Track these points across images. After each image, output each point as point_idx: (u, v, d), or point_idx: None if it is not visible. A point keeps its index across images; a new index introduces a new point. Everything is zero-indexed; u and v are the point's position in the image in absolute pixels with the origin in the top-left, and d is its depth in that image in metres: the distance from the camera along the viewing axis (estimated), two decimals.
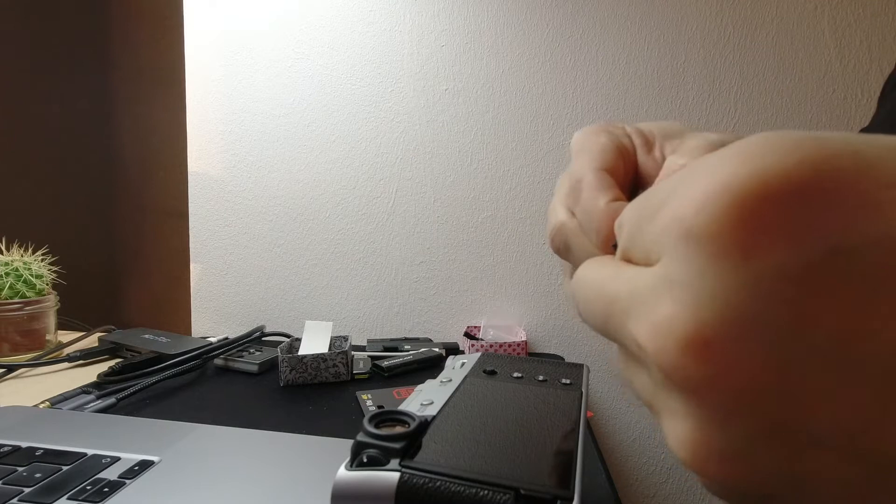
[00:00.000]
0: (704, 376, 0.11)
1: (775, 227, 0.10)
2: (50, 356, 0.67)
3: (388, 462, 0.22)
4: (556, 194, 0.22)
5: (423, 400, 0.29)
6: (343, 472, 0.22)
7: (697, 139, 0.21)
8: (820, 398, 0.10)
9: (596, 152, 0.21)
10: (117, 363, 0.61)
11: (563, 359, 0.88)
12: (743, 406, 0.11)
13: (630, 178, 0.22)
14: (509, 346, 0.81)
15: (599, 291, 0.15)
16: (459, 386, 0.31)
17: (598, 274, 0.16)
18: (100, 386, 0.57)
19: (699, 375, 0.11)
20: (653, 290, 0.12)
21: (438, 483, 0.21)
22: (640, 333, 0.12)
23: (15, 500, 0.33)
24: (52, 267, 0.72)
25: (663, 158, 0.22)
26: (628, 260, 0.15)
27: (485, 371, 0.34)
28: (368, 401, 0.57)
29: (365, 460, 0.22)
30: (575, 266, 0.19)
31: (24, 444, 0.40)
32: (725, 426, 0.11)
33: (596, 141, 0.21)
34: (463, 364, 0.36)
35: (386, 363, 0.68)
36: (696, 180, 0.12)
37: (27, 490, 0.34)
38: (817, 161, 0.10)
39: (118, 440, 0.41)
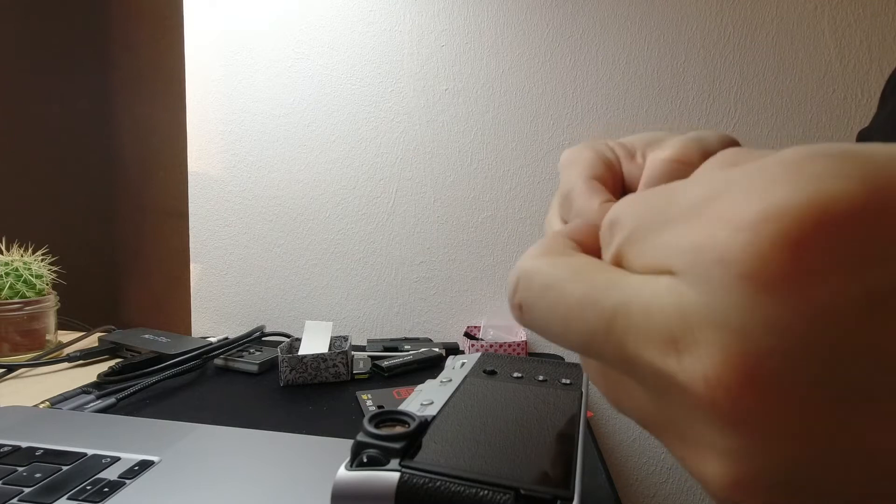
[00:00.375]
0: (759, 411, 0.10)
1: (838, 257, 0.09)
2: (50, 356, 0.67)
3: (388, 462, 0.22)
4: (551, 210, 0.22)
5: (423, 400, 0.29)
6: (343, 472, 0.22)
7: (680, 137, 0.21)
8: (881, 425, 0.10)
9: (584, 164, 0.21)
10: (117, 363, 0.61)
11: (563, 359, 0.88)
12: (800, 439, 0.10)
13: (619, 190, 0.22)
14: (509, 346, 0.81)
15: (591, 299, 0.13)
16: (459, 386, 0.31)
17: (584, 277, 0.13)
18: (100, 386, 0.57)
19: (753, 410, 0.10)
20: (682, 314, 0.11)
21: (438, 483, 0.21)
22: (671, 363, 0.11)
23: (15, 500, 0.33)
24: (52, 267, 0.72)
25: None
26: (618, 264, 0.14)
27: (485, 371, 0.34)
28: (368, 401, 0.57)
29: (365, 460, 0.22)
30: None
31: (24, 444, 0.40)
32: (778, 460, 0.11)
33: (582, 155, 0.22)
34: (463, 364, 0.36)
35: (386, 363, 0.68)
36: (738, 200, 0.11)
37: (27, 490, 0.34)
38: (877, 181, 0.10)
39: (118, 440, 0.41)
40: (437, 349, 0.75)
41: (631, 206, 0.14)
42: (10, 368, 0.62)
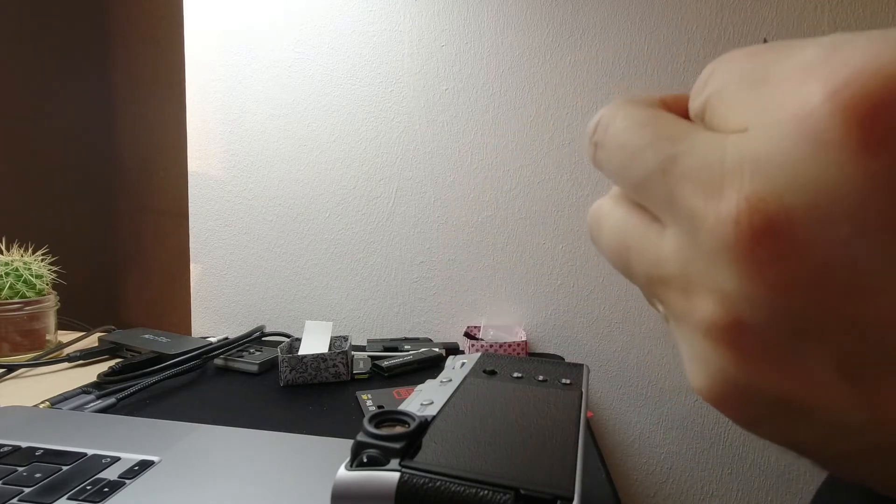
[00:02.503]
0: (776, 259, 0.10)
1: None
2: (50, 356, 0.67)
3: (388, 462, 0.22)
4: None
5: (423, 400, 0.29)
6: (343, 472, 0.22)
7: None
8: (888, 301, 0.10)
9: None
10: (117, 363, 0.61)
11: (563, 359, 0.88)
12: (806, 296, 0.10)
13: None
14: (509, 346, 0.81)
15: (656, 145, 0.13)
16: (459, 386, 0.31)
17: (656, 125, 0.14)
18: (100, 386, 0.57)
19: (770, 258, 0.10)
20: (739, 163, 0.11)
21: (438, 483, 0.21)
22: (710, 206, 0.11)
23: (15, 500, 0.33)
24: (52, 267, 0.72)
25: None
26: (702, 114, 0.14)
27: (485, 371, 0.34)
28: (368, 401, 0.57)
29: (365, 460, 0.22)
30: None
31: (24, 444, 0.40)
32: (774, 313, 0.11)
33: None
34: (463, 364, 0.36)
35: (386, 363, 0.68)
36: (846, 54, 0.10)
37: (27, 490, 0.34)
38: None
39: (118, 440, 0.41)
40: (437, 349, 0.75)
41: (733, 60, 0.14)
42: (10, 368, 0.62)
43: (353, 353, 0.70)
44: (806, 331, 0.11)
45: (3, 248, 0.70)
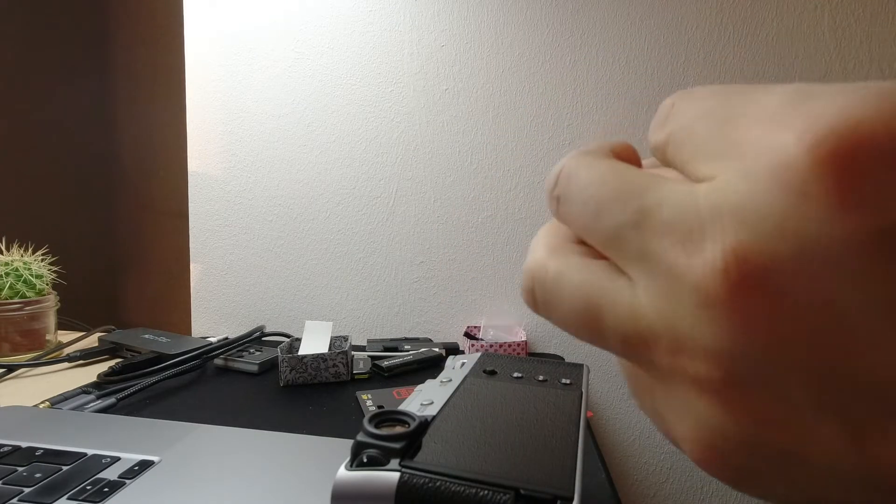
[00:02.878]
0: (763, 307, 0.10)
1: (891, 186, 0.09)
2: (50, 356, 0.67)
3: (388, 462, 0.22)
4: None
5: (423, 400, 0.29)
6: (343, 472, 0.22)
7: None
8: (875, 353, 0.10)
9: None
10: (117, 363, 0.61)
11: (563, 359, 0.88)
12: (798, 348, 0.10)
13: None
14: (509, 346, 0.81)
15: (624, 196, 0.13)
16: (459, 386, 0.31)
17: (620, 176, 0.13)
18: (100, 386, 0.57)
19: (751, 306, 0.10)
20: (716, 209, 0.11)
21: (438, 483, 0.21)
22: (692, 260, 0.11)
23: (15, 500, 0.33)
24: (52, 267, 0.72)
25: None
26: (663, 152, 0.14)
27: (485, 371, 0.34)
28: (368, 401, 0.57)
29: (365, 460, 0.22)
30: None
31: (24, 444, 0.40)
32: (773, 366, 0.11)
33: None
34: (463, 364, 0.36)
35: (386, 363, 0.68)
36: (818, 107, 0.10)
37: (27, 490, 0.34)
38: None
39: (118, 440, 0.41)
40: (437, 349, 0.75)
41: (696, 97, 0.13)
42: (10, 368, 0.62)
43: (353, 353, 0.71)
44: (800, 382, 0.10)
45: (3, 248, 0.70)
